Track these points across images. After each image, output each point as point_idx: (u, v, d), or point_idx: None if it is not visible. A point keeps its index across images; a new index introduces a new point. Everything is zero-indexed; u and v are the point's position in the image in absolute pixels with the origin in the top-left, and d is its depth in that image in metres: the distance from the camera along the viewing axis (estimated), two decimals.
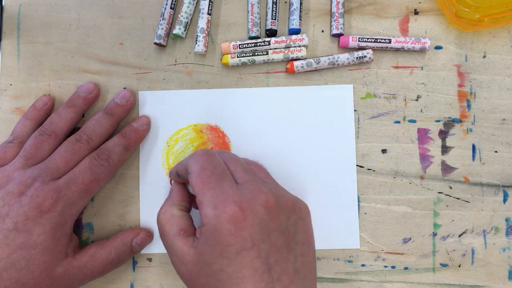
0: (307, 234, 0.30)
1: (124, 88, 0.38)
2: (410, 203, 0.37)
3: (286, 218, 0.29)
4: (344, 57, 0.37)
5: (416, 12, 0.38)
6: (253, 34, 0.38)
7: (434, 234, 0.37)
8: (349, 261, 0.37)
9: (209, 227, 0.27)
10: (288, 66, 0.37)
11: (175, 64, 0.38)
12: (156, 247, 0.37)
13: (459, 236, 0.37)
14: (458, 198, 0.37)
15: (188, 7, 0.38)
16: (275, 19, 0.38)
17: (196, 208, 0.33)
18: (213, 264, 0.27)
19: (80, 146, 0.34)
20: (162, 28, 0.37)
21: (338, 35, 0.38)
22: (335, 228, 0.37)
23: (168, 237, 0.30)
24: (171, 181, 0.36)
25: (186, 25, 0.38)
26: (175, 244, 0.29)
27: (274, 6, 0.38)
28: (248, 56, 0.37)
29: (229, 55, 0.37)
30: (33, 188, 0.32)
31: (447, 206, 0.37)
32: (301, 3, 0.38)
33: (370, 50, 0.37)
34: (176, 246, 0.29)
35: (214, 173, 0.29)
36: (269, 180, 0.32)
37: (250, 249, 0.27)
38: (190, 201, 0.33)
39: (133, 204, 0.37)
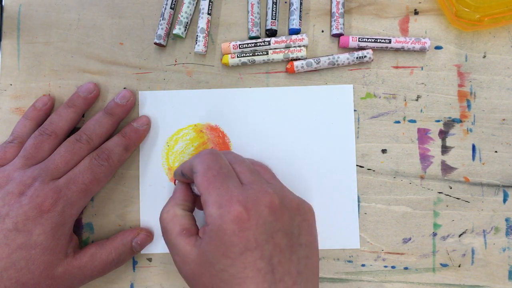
0: (311, 236, 0.30)
1: (124, 88, 0.38)
2: (410, 203, 0.37)
3: (290, 219, 0.29)
4: (344, 57, 0.37)
5: (416, 12, 0.38)
6: (253, 34, 0.38)
7: (434, 234, 0.37)
8: (349, 261, 0.37)
9: (213, 227, 0.28)
10: (288, 66, 0.37)
11: (175, 64, 0.38)
12: (156, 247, 0.37)
13: (459, 236, 0.37)
14: (458, 198, 0.37)
15: (188, 7, 0.38)
16: (275, 19, 0.38)
17: (200, 208, 0.33)
18: (216, 264, 0.27)
19: (80, 146, 0.34)
20: (162, 28, 0.37)
21: (338, 35, 0.38)
22: (335, 228, 0.37)
23: (171, 236, 0.30)
24: (175, 181, 0.36)
25: (186, 25, 0.38)
26: (177, 243, 0.29)
27: (274, 6, 0.38)
28: (248, 56, 0.37)
29: (229, 55, 0.37)
30: (33, 188, 0.32)
31: (447, 206, 0.37)
32: (301, 3, 0.38)
33: (370, 50, 0.37)
34: (179, 245, 0.29)
35: (220, 173, 0.29)
36: (274, 181, 0.32)
37: (253, 249, 0.27)
38: (194, 202, 0.33)
39: (133, 204, 0.37)
